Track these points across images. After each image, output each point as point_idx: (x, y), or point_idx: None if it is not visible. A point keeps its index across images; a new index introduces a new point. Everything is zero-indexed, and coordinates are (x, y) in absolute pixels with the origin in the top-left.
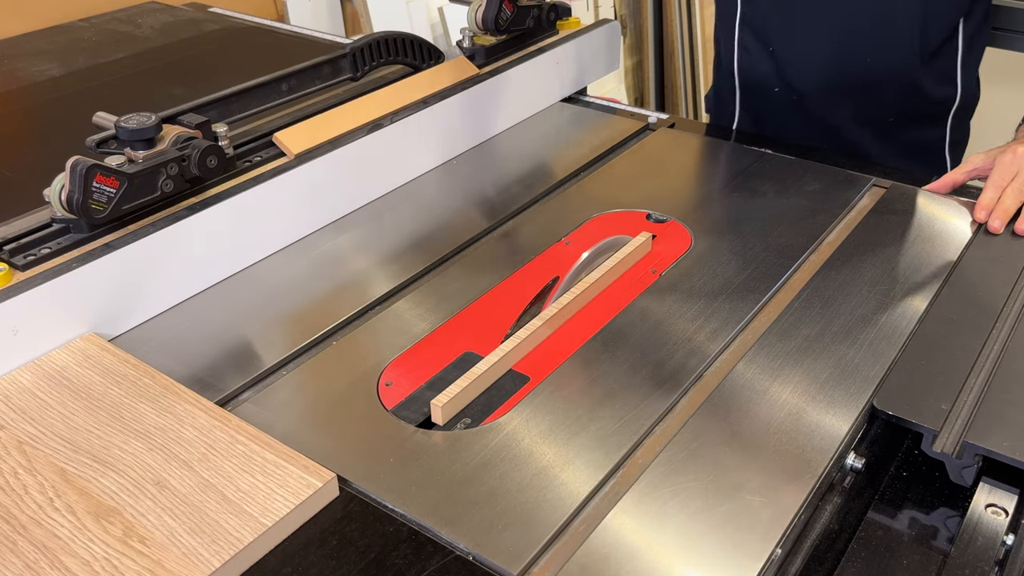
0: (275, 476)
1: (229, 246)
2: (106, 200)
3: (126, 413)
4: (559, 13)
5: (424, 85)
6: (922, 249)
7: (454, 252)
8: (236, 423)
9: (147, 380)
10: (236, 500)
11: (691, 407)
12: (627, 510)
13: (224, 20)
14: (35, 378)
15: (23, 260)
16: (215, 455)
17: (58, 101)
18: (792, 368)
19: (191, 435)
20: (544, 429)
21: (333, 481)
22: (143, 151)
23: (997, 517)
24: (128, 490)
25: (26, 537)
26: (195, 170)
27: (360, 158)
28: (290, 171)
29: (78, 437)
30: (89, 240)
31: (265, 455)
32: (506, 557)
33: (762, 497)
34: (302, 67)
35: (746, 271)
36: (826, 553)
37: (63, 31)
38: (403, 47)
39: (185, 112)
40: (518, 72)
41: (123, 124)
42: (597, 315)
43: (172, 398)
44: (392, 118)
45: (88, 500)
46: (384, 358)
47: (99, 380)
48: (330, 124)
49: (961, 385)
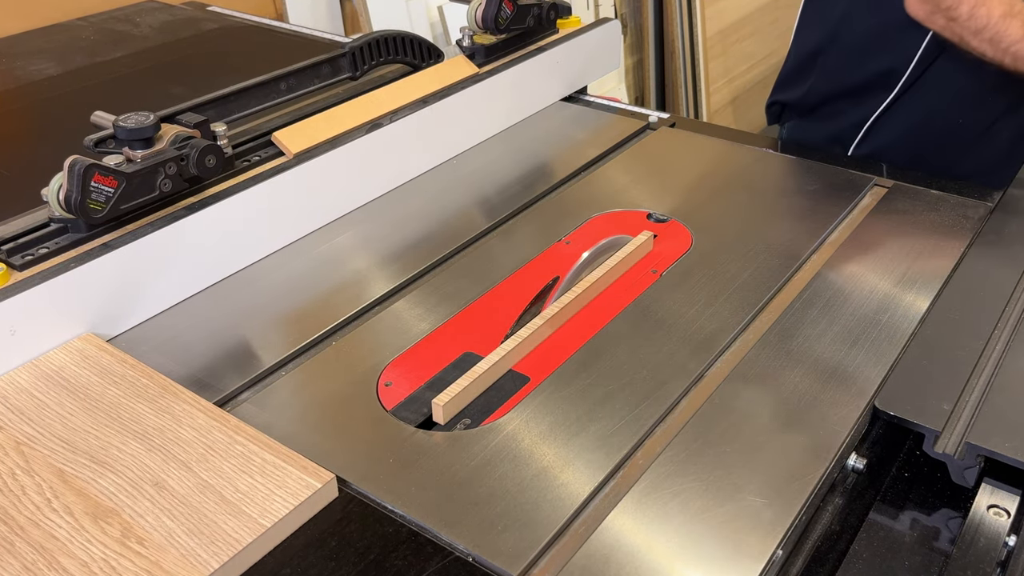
0: (274, 477)
1: (228, 246)
2: (104, 200)
3: (124, 413)
4: (559, 12)
5: (424, 84)
6: (924, 248)
7: (454, 252)
8: (235, 423)
9: (145, 380)
10: (235, 501)
11: (692, 408)
12: (628, 511)
13: (223, 19)
14: (33, 378)
15: (21, 260)
16: (214, 456)
17: (56, 100)
18: (793, 368)
19: (189, 435)
20: (544, 430)
21: (332, 482)
22: (141, 150)
23: (999, 518)
24: (126, 491)
25: (24, 538)
26: (194, 170)
27: (359, 158)
28: (289, 170)
29: (76, 438)
30: (87, 240)
31: (264, 456)
32: (506, 558)
33: (763, 498)
34: (301, 66)
35: (747, 271)
36: (827, 554)
37: (61, 30)
38: (402, 46)
39: (183, 111)
40: (518, 71)
41: (121, 123)
42: (598, 315)
43: (170, 398)
44: (391, 117)
45: (86, 501)
46: (383, 358)
47: (97, 380)
48: (329, 123)
49: (963, 386)
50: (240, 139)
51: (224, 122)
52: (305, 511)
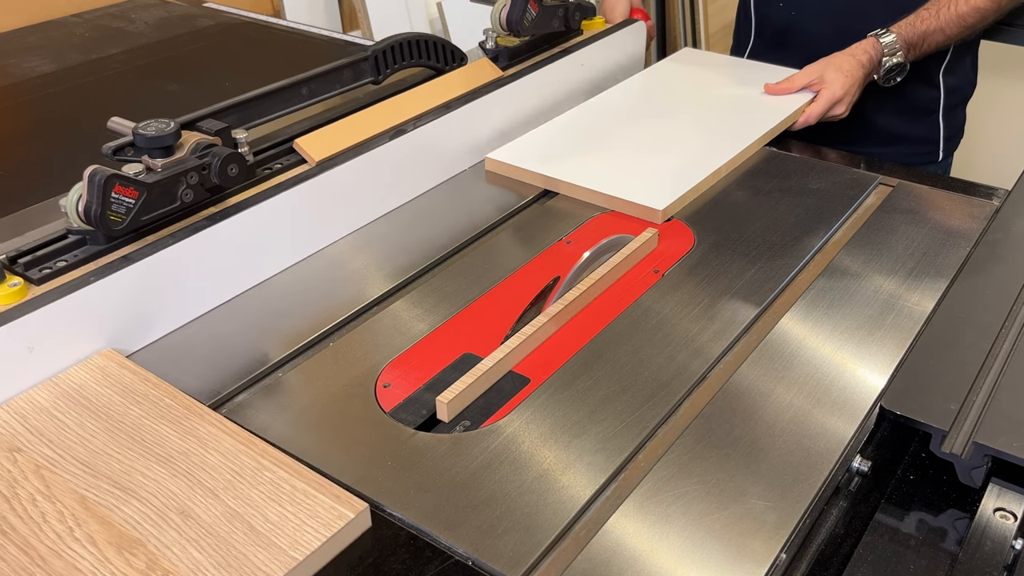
0: (304, 506)
1: (249, 257)
2: (124, 211)
3: (147, 436)
4: (584, 13)
5: (447, 88)
6: (929, 247)
7: (453, 252)
8: (262, 447)
9: (168, 400)
10: (264, 531)
11: (694, 410)
12: (629, 514)
13: (219, 15)
14: (53, 397)
15: (39, 273)
16: (241, 482)
17: (49, 98)
18: (797, 369)
19: (216, 460)
20: (545, 432)
21: (365, 512)
22: (161, 159)
23: (1006, 521)
24: (151, 520)
25: (45, 570)
26: (216, 179)
27: (383, 164)
28: (312, 179)
29: (98, 461)
30: (106, 252)
31: (294, 483)
32: (506, 562)
33: (767, 501)
34: (323, 70)
35: (750, 271)
36: (832, 558)
37: (55, 26)
38: (426, 49)
39: (203, 117)
40: (543, 75)
41: (141, 131)
42: (599, 316)
43: (195, 420)
44: (415, 123)
45: (110, 530)
46: (382, 359)
47: (119, 400)
48: (352, 130)
49: (970, 385)
50: (260, 146)
51: (244, 128)
52: (337, 543)
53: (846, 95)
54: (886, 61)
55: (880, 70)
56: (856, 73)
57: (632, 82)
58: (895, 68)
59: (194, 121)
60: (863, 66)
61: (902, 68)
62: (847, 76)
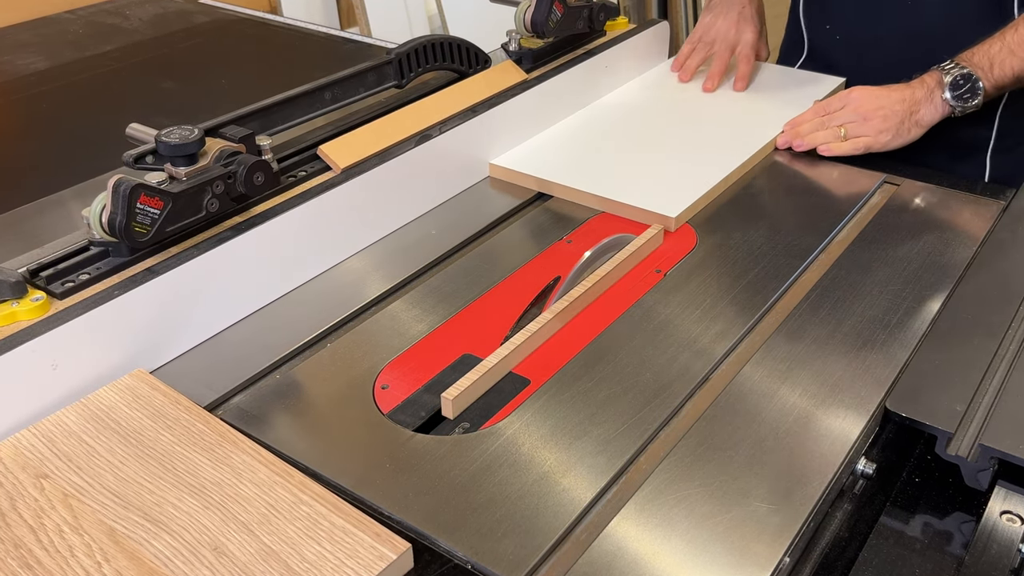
0: (344, 544)
1: (274, 268)
2: (150, 222)
3: (179, 464)
4: (608, 13)
5: (471, 92)
6: (935, 247)
7: (453, 251)
8: (299, 479)
9: (200, 425)
10: (301, 572)
11: (696, 411)
12: (630, 517)
13: (215, 12)
14: (81, 420)
15: (61, 288)
16: (277, 517)
17: (43, 95)
18: (801, 370)
19: (250, 492)
20: (545, 433)
21: (408, 552)
22: (185, 167)
23: (1012, 524)
24: (183, 556)
25: None
26: (241, 188)
27: (409, 170)
28: (338, 187)
29: (128, 491)
30: (129, 264)
31: (332, 519)
32: (506, 565)
33: (770, 504)
34: (346, 75)
35: (753, 271)
36: (836, 561)
37: (49, 23)
38: (449, 51)
39: (226, 123)
40: (568, 77)
41: (164, 138)
42: (600, 316)
43: (228, 447)
44: (441, 128)
45: (140, 567)
46: (380, 360)
47: (150, 424)
48: (377, 135)
49: (976, 386)
50: (284, 152)
51: (267, 135)
52: None
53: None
54: (947, 78)
55: (945, 90)
56: (895, 107)
57: (636, 83)
58: (963, 83)
59: (217, 127)
60: (904, 100)
61: (973, 85)
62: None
